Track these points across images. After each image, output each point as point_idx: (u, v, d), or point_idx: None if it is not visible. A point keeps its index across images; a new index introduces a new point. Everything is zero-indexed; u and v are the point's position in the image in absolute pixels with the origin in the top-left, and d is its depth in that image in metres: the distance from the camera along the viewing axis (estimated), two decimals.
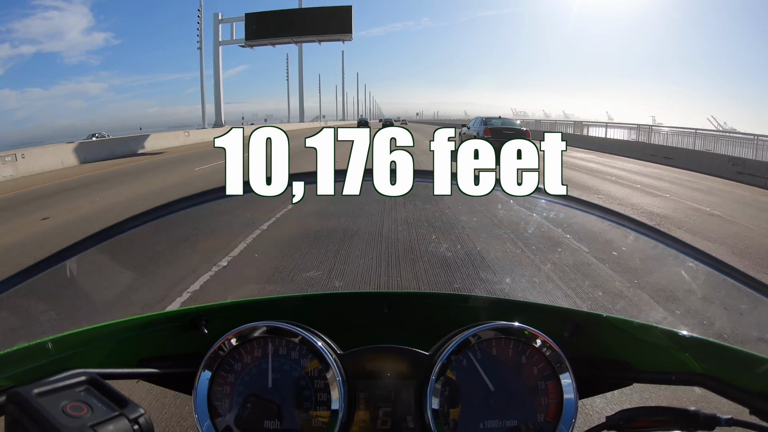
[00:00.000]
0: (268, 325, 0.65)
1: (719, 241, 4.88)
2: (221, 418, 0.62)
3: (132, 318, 0.72)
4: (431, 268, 3.78)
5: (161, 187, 8.72)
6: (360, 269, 3.75)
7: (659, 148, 16.02)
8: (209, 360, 0.64)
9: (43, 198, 7.90)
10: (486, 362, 0.65)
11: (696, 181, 10.69)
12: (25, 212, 6.70)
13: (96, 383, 0.53)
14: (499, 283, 3.49)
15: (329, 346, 0.66)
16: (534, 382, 0.65)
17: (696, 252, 0.64)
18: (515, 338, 0.66)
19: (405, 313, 0.84)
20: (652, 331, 0.72)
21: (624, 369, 0.73)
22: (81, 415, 0.48)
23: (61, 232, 5.33)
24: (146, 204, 0.66)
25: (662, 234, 0.65)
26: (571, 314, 0.78)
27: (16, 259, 4.17)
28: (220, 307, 0.79)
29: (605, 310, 3.01)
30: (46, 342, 0.61)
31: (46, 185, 9.51)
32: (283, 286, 3.40)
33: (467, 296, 0.86)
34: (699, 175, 11.93)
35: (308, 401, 0.63)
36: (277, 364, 0.65)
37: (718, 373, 0.65)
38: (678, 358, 0.69)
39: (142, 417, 0.49)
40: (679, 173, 12.20)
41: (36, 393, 0.49)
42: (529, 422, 0.62)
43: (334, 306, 0.86)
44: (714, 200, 7.74)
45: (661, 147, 15.98)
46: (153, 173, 11.12)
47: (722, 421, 0.57)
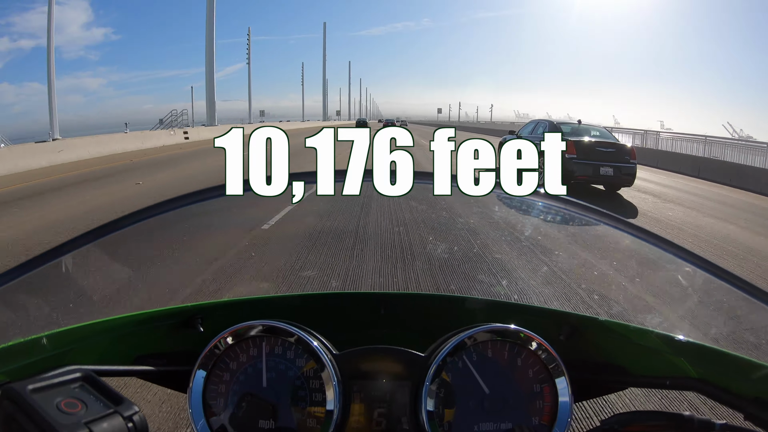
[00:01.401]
0: (264, 324, 0.65)
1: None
2: (216, 417, 0.62)
3: (128, 315, 0.72)
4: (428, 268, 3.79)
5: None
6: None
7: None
8: (205, 358, 0.64)
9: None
10: (481, 364, 0.65)
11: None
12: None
13: (91, 380, 0.53)
14: (495, 285, 3.49)
15: (325, 347, 0.66)
16: (529, 384, 0.65)
17: (693, 256, 0.64)
18: (511, 341, 0.66)
19: (401, 314, 0.84)
20: (648, 335, 0.72)
21: (619, 373, 0.74)
22: (75, 412, 0.48)
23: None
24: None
25: (659, 238, 0.66)
26: (567, 317, 0.78)
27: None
28: (216, 305, 0.79)
29: (601, 313, 3.01)
30: (41, 338, 0.61)
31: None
32: (280, 286, 3.40)
33: (463, 298, 0.86)
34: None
35: (303, 401, 0.63)
36: (273, 364, 0.65)
37: (713, 378, 0.65)
38: (673, 362, 0.69)
39: (136, 415, 0.49)
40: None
41: (31, 389, 0.49)
42: (524, 425, 0.62)
43: (330, 306, 0.86)
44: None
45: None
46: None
47: (717, 426, 0.57)
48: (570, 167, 7.86)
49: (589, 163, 8.02)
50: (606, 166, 8.04)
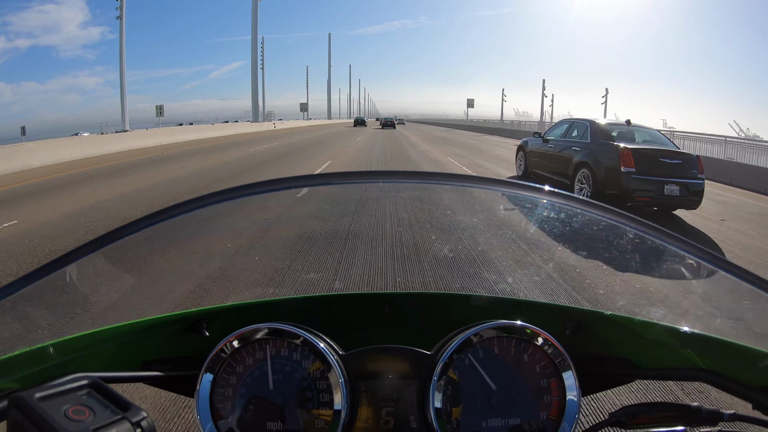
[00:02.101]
0: (270, 326, 0.65)
1: None
2: (224, 421, 0.62)
3: (133, 321, 0.72)
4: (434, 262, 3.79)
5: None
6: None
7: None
8: (211, 362, 0.64)
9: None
10: (488, 361, 0.65)
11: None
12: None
13: (98, 387, 0.53)
14: (500, 282, 3.49)
15: (331, 347, 0.66)
16: (536, 380, 0.65)
17: (696, 249, 0.64)
18: (517, 337, 0.66)
19: (406, 314, 0.84)
20: (653, 327, 0.72)
21: (626, 366, 0.73)
22: (83, 419, 0.48)
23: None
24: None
25: (662, 231, 0.66)
26: (572, 312, 0.78)
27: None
28: (221, 309, 0.79)
29: (607, 307, 3.01)
30: (48, 346, 0.61)
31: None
32: (284, 289, 3.40)
33: (468, 296, 0.86)
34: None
35: (311, 402, 0.63)
36: (279, 366, 0.65)
37: (720, 368, 0.65)
38: (680, 354, 0.69)
39: (144, 420, 0.49)
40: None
41: (38, 397, 0.49)
42: (532, 420, 0.62)
43: (335, 307, 0.86)
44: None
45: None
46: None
47: (725, 417, 0.57)
48: (627, 184, 6.08)
49: (652, 179, 6.08)
50: (671, 183, 6.04)
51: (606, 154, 6.53)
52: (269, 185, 0.68)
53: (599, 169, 6.57)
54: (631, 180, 6.08)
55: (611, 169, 6.33)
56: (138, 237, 0.65)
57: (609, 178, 6.39)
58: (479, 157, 15.51)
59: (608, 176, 6.41)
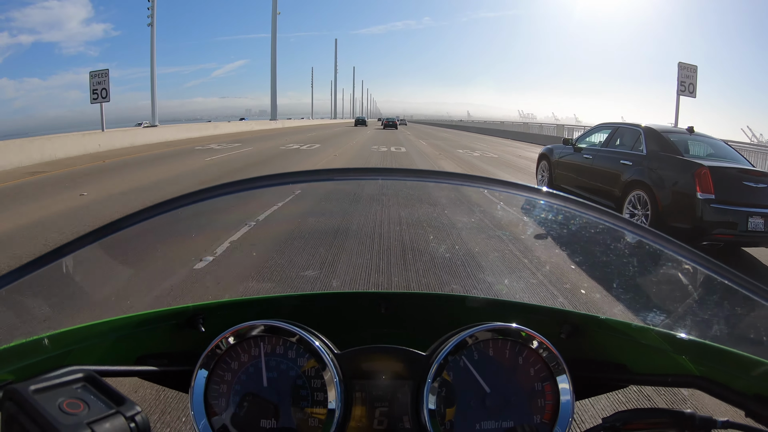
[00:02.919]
0: (266, 323, 0.65)
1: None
2: (218, 417, 0.62)
3: (129, 315, 0.72)
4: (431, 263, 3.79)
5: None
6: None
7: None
8: (206, 358, 0.64)
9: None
10: (483, 363, 0.65)
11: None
12: None
13: (93, 380, 0.53)
14: (496, 284, 3.49)
15: (326, 346, 0.66)
16: (530, 383, 0.65)
17: (693, 254, 0.64)
18: (512, 339, 0.66)
19: (402, 313, 0.84)
20: (648, 333, 0.72)
21: (620, 371, 0.74)
22: (78, 413, 0.48)
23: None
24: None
25: (659, 236, 0.66)
26: (568, 316, 0.78)
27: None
28: (218, 305, 0.79)
29: (602, 312, 3.01)
30: (43, 339, 0.61)
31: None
32: (281, 285, 3.40)
33: (464, 297, 0.86)
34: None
35: (305, 400, 0.63)
36: (274, 363, 0.65)
37: (714, 375, 0.65)
38: (674, 360, 0.70)
39: (138, 415, 0.49)
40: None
41: (33, 389, 0.49)
42: (526, 423, 0.62)
43: (331, 305, 0.86)
44: None
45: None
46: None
47: (718, 424, 0.57)
48: (705, 215, 4.40)
49: (736, 209, 4.42)
50: (757, 216, 4.38)
51: (673, 173, 4.83)
52: (268, 180, 0.68)
53: (663, 194, 4.84)
54: (710, 211, 4.38)
55: (681, 194, 4.65)
56: (135, 230, 0.65)
57: (677, 205, 4.70)
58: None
59: (676, 203, 4.72)
